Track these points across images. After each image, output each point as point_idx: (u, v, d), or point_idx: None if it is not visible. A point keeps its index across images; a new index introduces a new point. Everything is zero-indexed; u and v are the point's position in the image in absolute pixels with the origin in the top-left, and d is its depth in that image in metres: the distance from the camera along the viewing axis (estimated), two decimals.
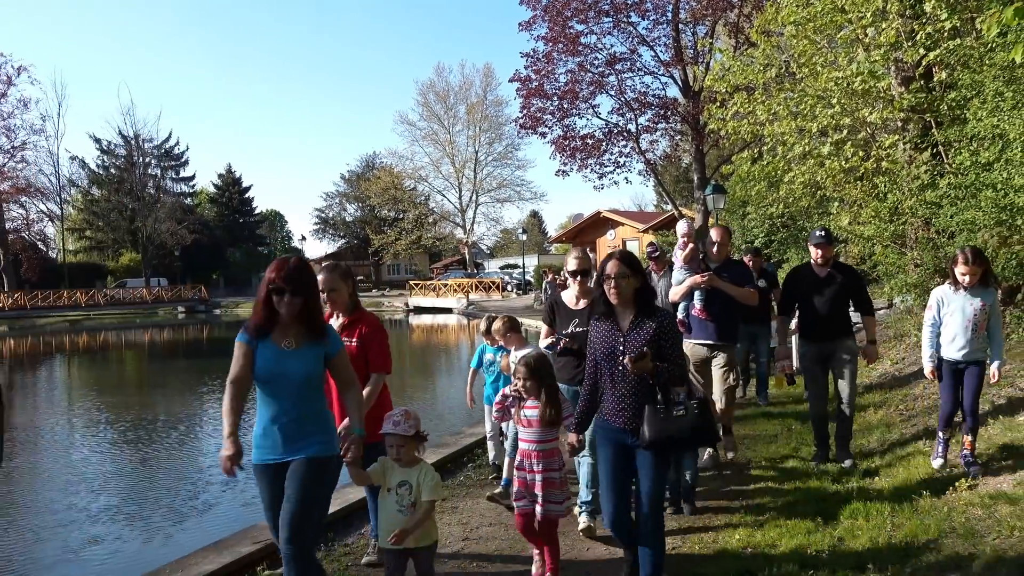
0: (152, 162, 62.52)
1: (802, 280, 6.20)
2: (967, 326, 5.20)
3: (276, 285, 3.35)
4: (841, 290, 6.00)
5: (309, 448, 3.39)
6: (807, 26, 10.42)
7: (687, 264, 6.18)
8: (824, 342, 6.03)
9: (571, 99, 24.21)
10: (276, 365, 3.37)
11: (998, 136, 7.85)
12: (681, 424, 3.53)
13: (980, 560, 3.86)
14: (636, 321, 3.65)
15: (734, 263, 6.37)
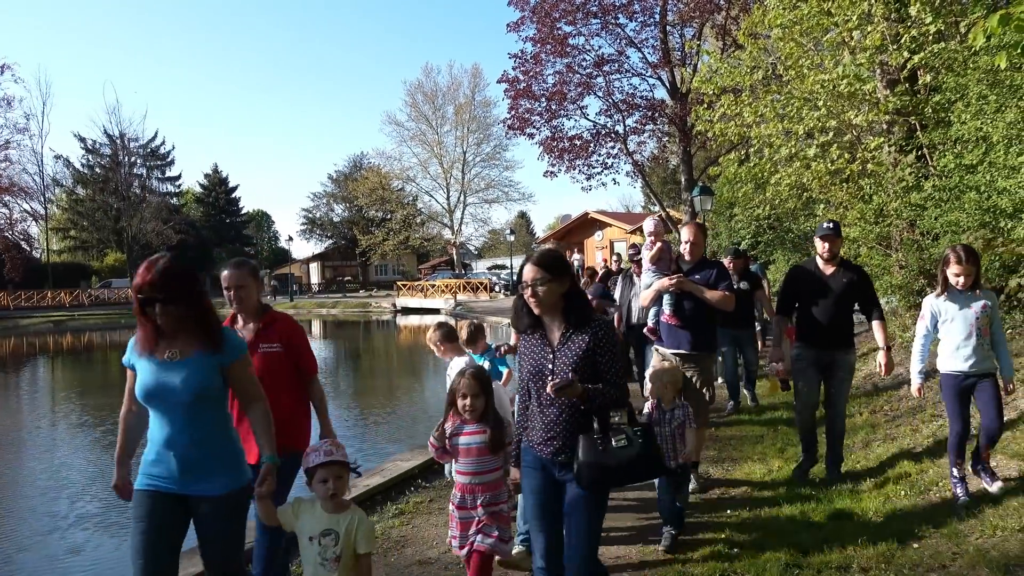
0: (138, 161, 62.14)
1: (804, 278, 5.67)
2: (971, 333, 4.65)
3: (145, 294, 2.90)
4: (847, 291, 5.49)
5: (215, 484, 2.97)
6: (794, 29, 10.48)
7: (654, 265, 5.69)
8: (823, 350, 5.55)
9: (559, 100, 24.23)
10: (156, 380, 2.94)
11: (981, 139, 7.93)
12: (622, 456, 3.00)
13: (963, 559, 3.90)
14: (567, 334, 3.12)
15: (709, 264, 5.75)
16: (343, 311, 44.92)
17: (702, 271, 5.55)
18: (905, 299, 9.94)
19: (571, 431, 3.08)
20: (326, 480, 2.95)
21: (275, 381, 3.66)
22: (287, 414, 3.70)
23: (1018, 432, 5.53)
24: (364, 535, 2.98)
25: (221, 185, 71.39)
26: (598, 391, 3.03)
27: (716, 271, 5.57)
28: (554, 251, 3.29)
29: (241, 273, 3.86)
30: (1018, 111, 7.37)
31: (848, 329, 5.59)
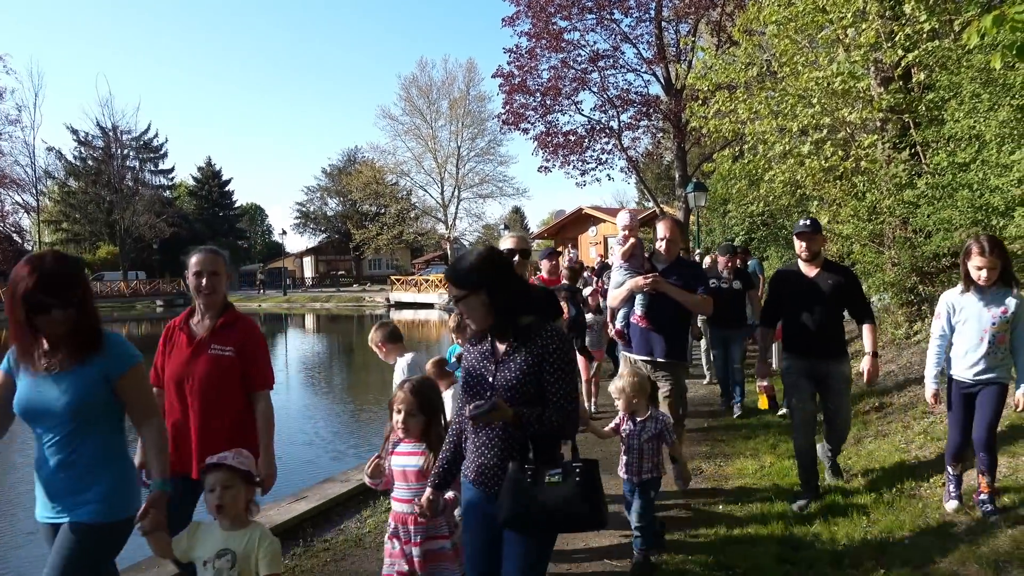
0: (130, 154, 61.79)
1: (787, 283, 5.17)
2: (983, 338, 4.22)
3: (37, 299, 2.49)
4: (834, 295, 4.94)
5: (79, 509, 2.58)
6: (788, 26, 10.48)
7: (627, 262, 5.26)
8: (814, 360, 4.99)
9: (554, 95, 24.25)
10: (34, 395, 2.60)
11: (974, 137, 7.97)
12: (551, 495, 2.53)
13: (953, 555, 3.93)
14: (513, 347, 2.69)
15: (686, 264, 5.44)
16: (336, 305, 44.87)
17: (678, 271, 5.17)
18: (897, 296, 10.00)
19: (502, 460, 2.64)
20: (213, 488, 2.59)
21: (222, 390, 3.35)
22: (231, 431, 3.31)
23: (1006, 427, 5.57)
24: (267, 556, 2.57)
25: (214, 178, 71.11)
26: (535, 417, 2.58)
27: (693, 272, 5.26)
28: (467, 260, 2.70)
29: (217, 259, 3.44)
30: (1011, 110, 7.41)
31: (839, 336, 5.10)
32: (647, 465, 4.22)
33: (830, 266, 5.14)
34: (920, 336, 9.60)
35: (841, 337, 5.13)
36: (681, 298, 5.05)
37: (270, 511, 5.25)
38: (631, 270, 5.23)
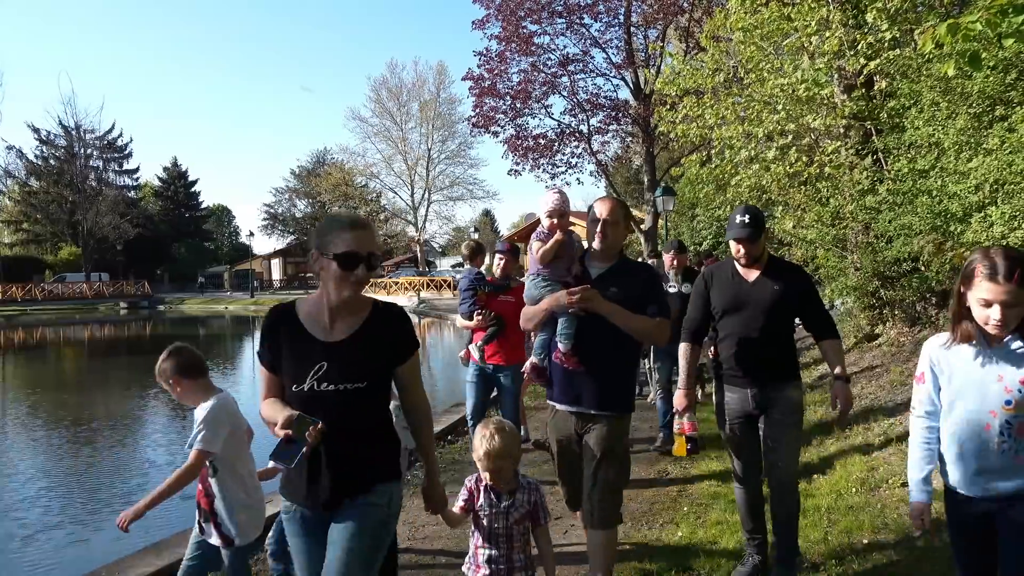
0: (94, 153, 60.87)
1: (718, 287, 3.98)
2: (990, 424, 2.47)
3: None
4: (781, 303, 3.79)
5: None
6: (754, 33, 10.63)
7: (546, 267, 3.64)
8: (753, 387, 3.83)
9: (524, 99, 24.30)
10: None
11: (934, 144, 8.13)
12: None
13: (911, 555, 4.01)
14: None
15: (635, 268, 3.73)
16: None
17: (622, 279, 3.55)
18: (860, 300, 10.16)
19: None
20: None
21: None
22: None
23: None
24: None
25: (180, 179, 70.24)
26: None
27: (645, 280, 3.61)
28: None
29: None
30: (968, 118, 7.57)
31: (785, 355, 3.92)
32: (517, 559, 3.00)
33: (776, 266, 3.93)
34: (882, 339, 9.77)
35: (790, 356, 3.96)
36: (624, 322, 3.43)
37: None
38: (552, 279, 3.60)
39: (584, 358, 3.51)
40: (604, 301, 3.40)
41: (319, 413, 2.38)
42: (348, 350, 2.49)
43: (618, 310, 3.41)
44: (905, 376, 7.67)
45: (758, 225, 3.78)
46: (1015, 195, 7.01)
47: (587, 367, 3.51)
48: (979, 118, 7.62)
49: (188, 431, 3.30)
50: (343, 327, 2.53)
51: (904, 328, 9.66)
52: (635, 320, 3.43)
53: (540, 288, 3.62)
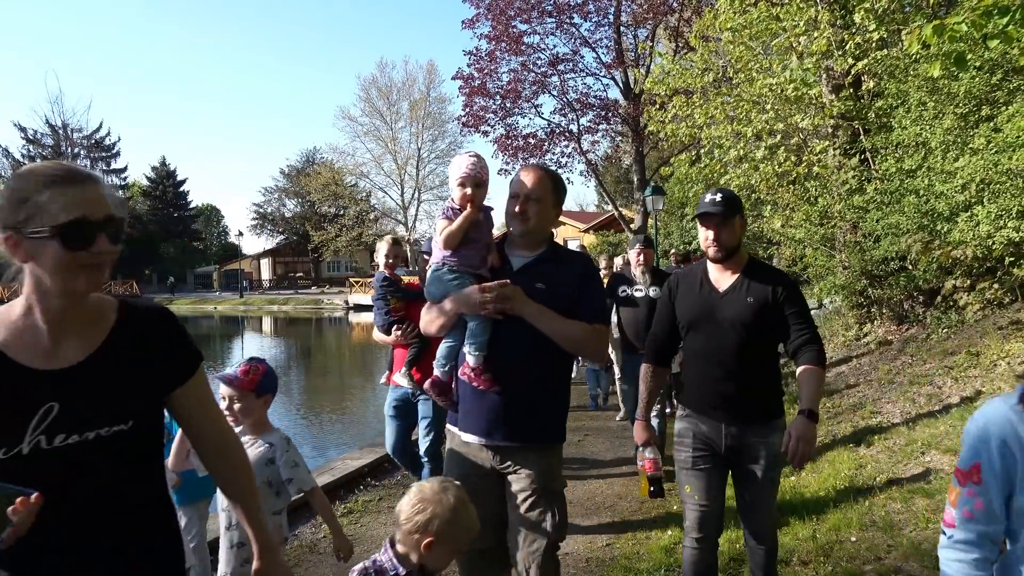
0: (81, 153, 60.46)
1: (683, 296, 3.23)
2: None
3: None
4: (759, 318, 3.02)
5: None
6: (743, 33, 10.69)
7: (452, 251, 2.79)
8: (723, 422, 3.08)
9: (514, 98, 24.33)
10: None
11: (921, 144, 8.20)
12: None
13: (898, 551, 4.03)
14: None
15: (568, 257, 2.92)
16: (295, 308, 44.37)
17: (552, 271, 2.78)
18: (848, 299, 10.23)
19: None
20: None
21: None
22: None
23: (950, 427, 5.73)
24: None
25: (169, 178, 69.82)
26: None
27: (581, 274, 2.82)
28: None
29: None
30: (954, 118, 7.64)
31: (767, 385, 3.14)
32: None
33: (756, 271, 3.13)
34: (870, 338, 9.84)
35: (773, 387, 3.17)
36: (552, 327, 2.67)
37: None
38: (461, 270, 2.78)
39: (500, 374, 2.67)
40: (527, 300, 2.64)
41: (55, 486, 1.49)
42: (91, 378, 1.59)
43: (545, 312, 2.65)
44: (892, 374, 7.72)
45: (732, 206, 3.05)
46: (1001, 194, 7.07)
47: (504, 386, 2.67)
48: (965, 118, 7.69)
49: None
50: (76, 345, 1.61)
51: (892, 327, 9.72)
52: (566, 325, 2.66)
53: (445, 282, 2.77)
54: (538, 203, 2.74)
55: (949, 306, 8.53)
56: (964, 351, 7.17)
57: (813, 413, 2.90)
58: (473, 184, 2.73)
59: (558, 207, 2.88)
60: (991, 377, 6.47)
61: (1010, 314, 7.63)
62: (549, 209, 2.80)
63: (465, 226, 2.72)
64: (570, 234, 42.82)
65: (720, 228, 3.05)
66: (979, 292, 8.14)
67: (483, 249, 2.80)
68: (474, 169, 2.75)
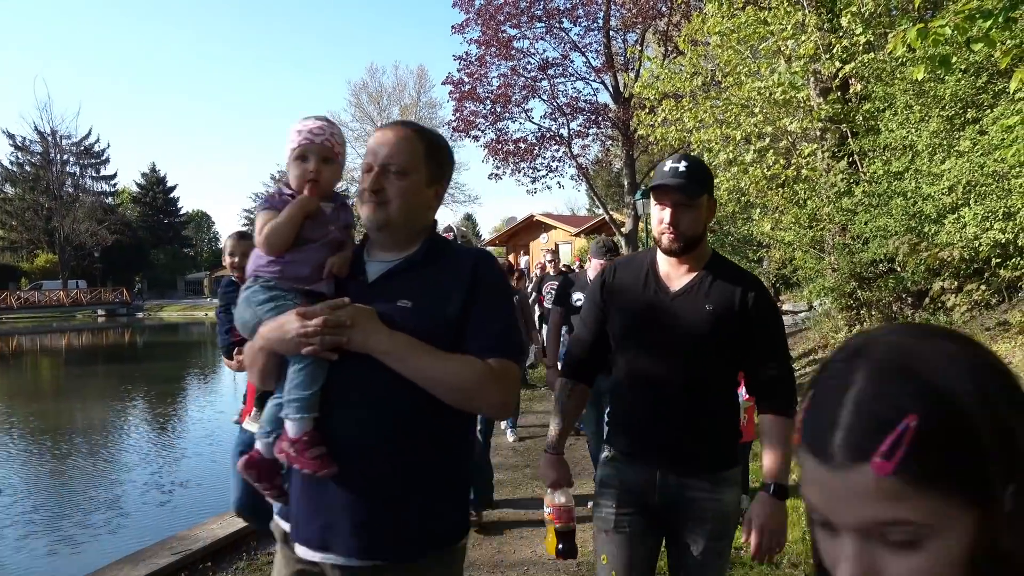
0: (71, 159, 60.19)
1: (623, 292, 2.38)
2: None
3: None
4: (719, 330, 2.21)
5: None
6: (732, 37, 10.74)
7: (273, 257, 1.82)
8: (655, 468, 2.27)
9: (504, 103, 24.33)
10: None
11: (908, 147, 8.25)
12: None
13: None
14: None
15: (456, 256, 1.87)
16: None
17: (422, 277, 1.81)
18: (837, 301, 10.28)
19: None
20: None
21: None
22: None
23: None
24: None
25: (159, 184, 69.64)
26: None
27: (471, 279, 1.79)
28: None
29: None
30: (940, 120, 7.70)
31: (719, 420, 2.31)
32: None
33: (721, 269, 2.31)
34: None
35: (727, 425, 2.34)
36: (417, 370, 1.68)
37: None
38: (285, 286, 1.83)
39: (340, 449, 1.68)
40: (377, 327, 1.68)
41: None
42: None
43: (408, 345, 1.68)
44: None
45: (700, 181, 2.22)
46: (987, 196, 7.12)
47: (347, 468, 1.68)
48: (951, 121, 7.75)
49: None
50: None
51: None
52: (442, 364, 1.68)
53: (254, 305, 1.81)
54: (402, 177, 1.76)
55: (937, 307, 8.57)
56: None
57: (782, 489, 2.15)
58: (317, 157, 1.84)
59: (438, 183, 1.87)
60: None
61: (997, 315, 7.68)
62: (421, 187, 1.80)
63: (298, 219, 1.79)
64: (561, 238, 42.89)
65: (681, 209, 2.20)
66: (966, 293, 8.19)
67: (322, 254, 1.83)
68: (317, 135, 1.85)
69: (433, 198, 1.88)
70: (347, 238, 1.95)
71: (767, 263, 14.33)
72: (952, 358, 0.64)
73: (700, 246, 2.29)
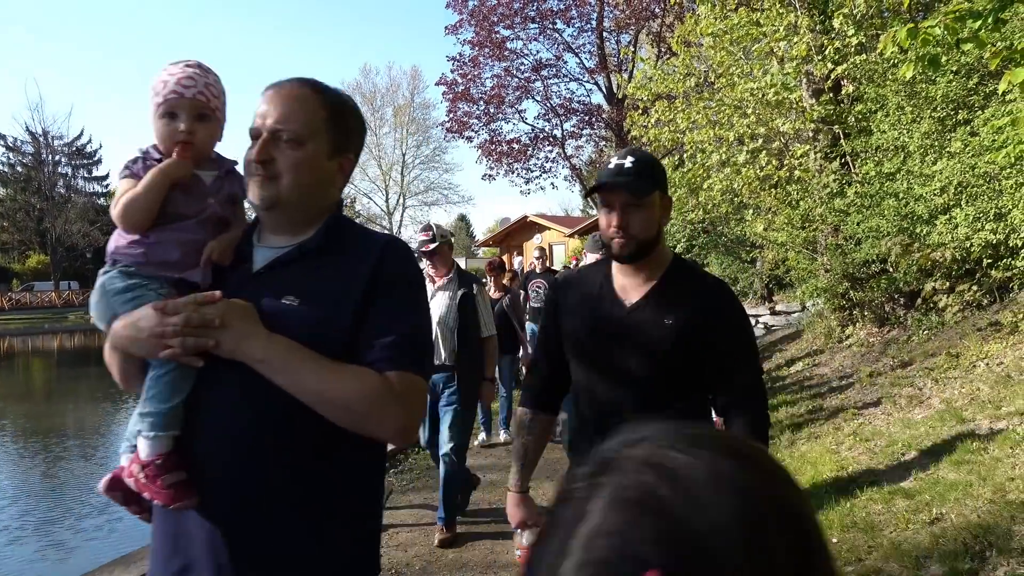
0: (62, 160, 60.01)
1: (575, 303, 2.17)
2: None
3: None
4: (682, 346, 1.99)
5: None
6: (724, 38, 10.76)
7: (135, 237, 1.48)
8: None
9: (497, 104, 24.40)
10: None
11: (900, 148, 8.28)
12: None
13: (878, 552, 4.06)
14: None
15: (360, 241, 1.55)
16: None
17: (316, 268, 1.48)
18: (830, 301, 10.30)
19: None
20: None
21: None
22: None
23: (930, 428, 5.78)
24: None
25: None
26: None
27: (373, 272, 1.47)
28: None
29: None
30: (932, 122, 7.73)
31: None
32: None
33: (683, 276, 2.10)
34: (852, 340, 9.90)
35: None
36: (299, 382, 1.37)
37: None
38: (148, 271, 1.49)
39: (204, 478, 1.41)
40: (254, 330, 1.39)
41: None
42: None
43: (285, 351, 1.38)
44: (874, 376, 7.78)
45: (649, 176, 2.00)
46: (978, 197, 7.16)
47: (210, 500, 1.41)
48: (943, 122, 7.78)
49: None
50: None
51: (873, 329, 9.80)
52: (329, 376, 1.39)
53: (112, 296, 1.50)
54: (296, 146, 1.44)
55: (929, 308, 8.60)
56: (944, 352, 7.23)
57: None
58: (189, 113, 1.49)
59: (343, 154, 1.54)
60: (970, 378, 6.54)
61: (989, 315, 7.71)
62: (320, 158, 1.48)
63: (160, 187, 1.45)
64: (555, 239, 42.88)
65: (630, 210, 1.96)
66: (958, 294, 8.22)
67: (199, 234, 1.48)
68: (187, 87, 1.48)
69: (337, 172, 1.55)
70: (233, 215, 1.57)
71: (760, 264, 14.36)
72: (717, 482, 0.49)
73: (656, 250, 2.05)
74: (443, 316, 4.72)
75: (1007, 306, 7.62)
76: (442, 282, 4.85)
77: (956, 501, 4.41)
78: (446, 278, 4.86)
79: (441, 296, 4.80)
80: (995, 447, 5.10)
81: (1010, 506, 4.12)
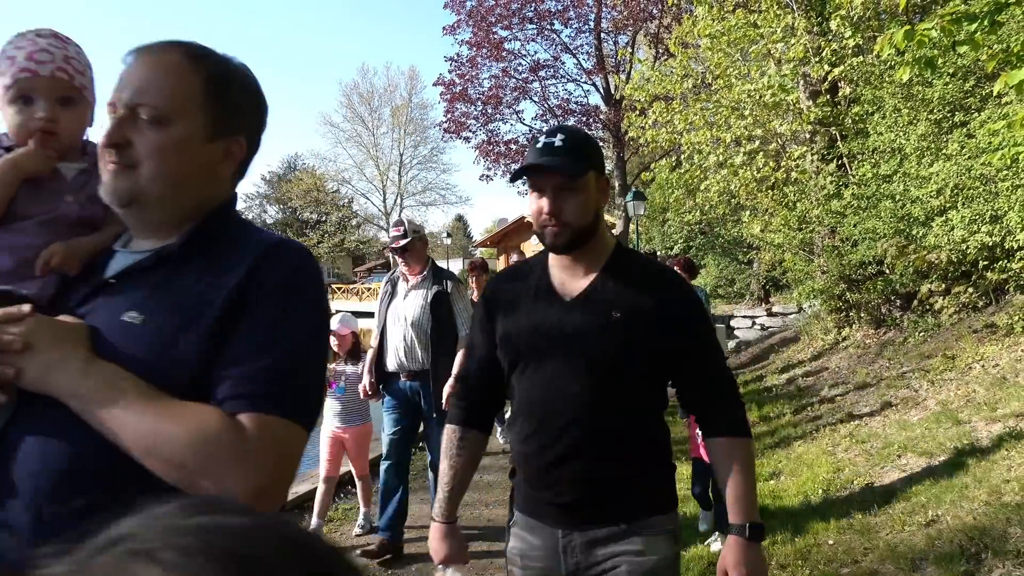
0: None
1: (507, 303, 1.88)
2: None
3: None
4: (631, 342, 1.72)
5: None
6: (722, 39, 10.78)
7: None
8: (556, 528, 1.79)
9: (495, 104, 24.38)
10: None
11: (896, 150, 8.30)
12: None
13: (874, 554, 4.06)
14: None
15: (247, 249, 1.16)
16: None
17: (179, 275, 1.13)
18: (827, 303, 10.32)
19: None
20: None
21: None
22: None
23: (926, 430, 5.78)
24: None
25: None
26: None
27: (244, 281, 1.10)
28: None
29: None
30: (928, 124, 7.74)
31: (647, 457, 1.84)
32: None
33: (626, 265, 1.84)
34: (848, 341, 9.92)
35: (651, 457, 1.86)
36: (122, 424, 0.99)
37: None
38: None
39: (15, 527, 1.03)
40: (70, 357, 1.03)
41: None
42: None
43: (104, 386, 1.01)
44: (870, 377, 7.79)
45: (582, 156, 1.76)
46: (974, 199, 7.17)
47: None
48: (939, 124, 7.79)
49: None
50: None
51: (870, 330, 9.81)
52: (147, 420, 1.00)
53: None
54: (159, 126, 1.12)
55: (925, 310, 8.62)
56: (940, 354, 7.24)
57: (757, 529, 1.73)
58: (49, 96, 1.23)
59: (231, 136, 1.22)
60: (966, 380, 6.54)
61: (984, 317, 7.72)
62: (193, 142, 1.16)
63: (12, 183, 1.21)
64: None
65: (562, 194, 1.74)
66: (954, 296, 8.24)
67: (39, 238, 1.20)
68: (43, 64, 1.22)
69: (222, 159, 1.21)
70: (100, 215, 1.25)
71: (757, 265, 14.38)
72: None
73: (595, 238, 1.80)
74: (417, 318, 4.38)
75: (1003, 308, 7.64)
76: (415, 280, 4.50)
77: (952, 503, 4.41)
78: (420, 276, 4.50)
79: (415, 296, 4.45)
80: (991, 449, 5.11)
81: (1006, 508, 4.12)
